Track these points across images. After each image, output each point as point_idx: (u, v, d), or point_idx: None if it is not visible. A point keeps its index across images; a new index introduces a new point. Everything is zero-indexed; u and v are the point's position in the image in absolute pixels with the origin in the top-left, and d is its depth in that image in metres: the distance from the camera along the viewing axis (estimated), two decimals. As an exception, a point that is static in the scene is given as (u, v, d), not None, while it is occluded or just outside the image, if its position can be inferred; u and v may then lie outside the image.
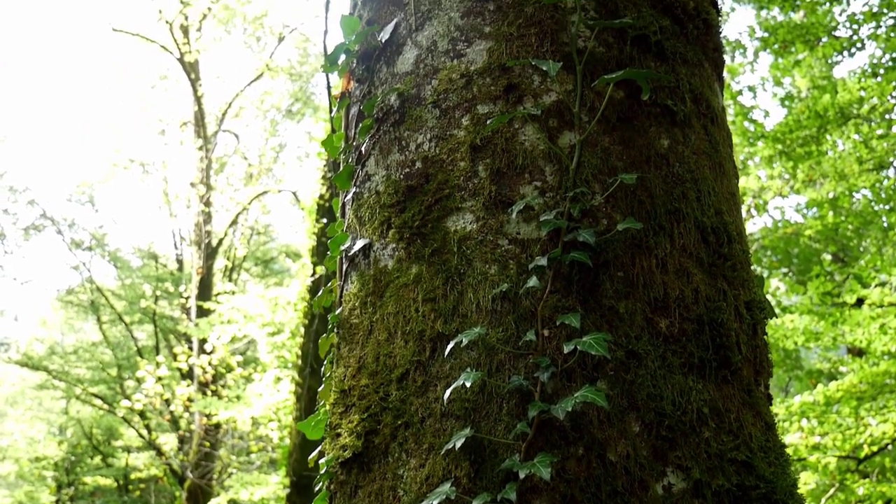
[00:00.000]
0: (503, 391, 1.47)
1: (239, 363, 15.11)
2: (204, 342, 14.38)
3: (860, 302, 9.10)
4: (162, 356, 17.60)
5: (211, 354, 14.36)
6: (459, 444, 1.43)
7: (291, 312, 11.66)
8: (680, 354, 1.52)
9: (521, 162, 1.63)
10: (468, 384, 1.45)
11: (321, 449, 1.81)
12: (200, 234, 17.37)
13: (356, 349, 1.71)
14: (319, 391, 1.94)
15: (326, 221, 9.54)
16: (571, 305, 1.51)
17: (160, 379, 15.26)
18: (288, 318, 11.87)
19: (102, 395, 19.39)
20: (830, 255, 15.00)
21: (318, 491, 1.74)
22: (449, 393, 1.49)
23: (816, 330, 8.80)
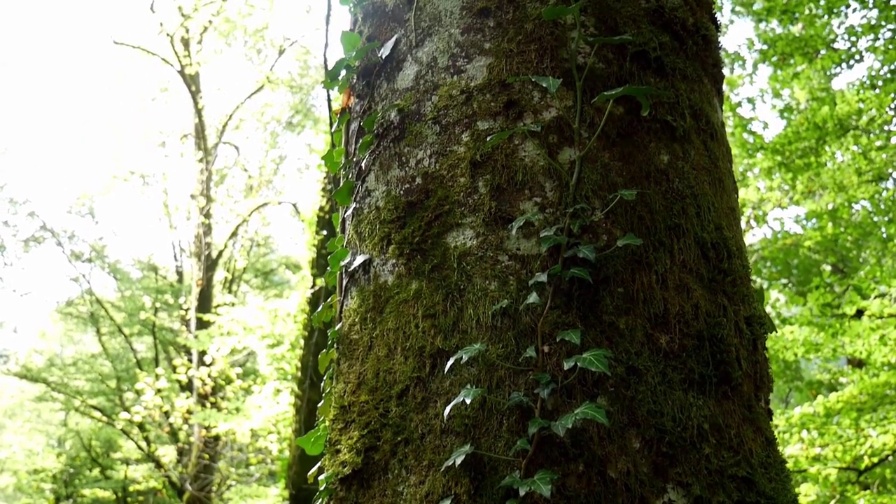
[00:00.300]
0: (503, 407, 1.47)
1: (238, 375, 15.08)
2: (203, 354, 14.36)
3: (860, 313, 9.10)
4: (161, 368, 17.56)
5: (210, 366, 14.35)
6: (459, 460, 1.43)
7: (291, 324, 11.66)
8: (680, 370, 1.52)
9: (521, 178, 1.63)
10: (468, 401, 1.45)
11: (320, 465, 1.81)
12: (200, 245, 17.37)
13: (356, 365, 1.71)
14: (319, 407, 1.94)
15: (326, 233, 9.54)
16: (571, 321, 1.51)
17: (159, 391, 15.24)
18: (287, 329, 11.86)
19: (101, 407, 19.35)
20: (830, 266, 15.01)
21: (317, 508, 1.73)
22: (449, 409, 1.48)
23: (816, 341, 8.79)
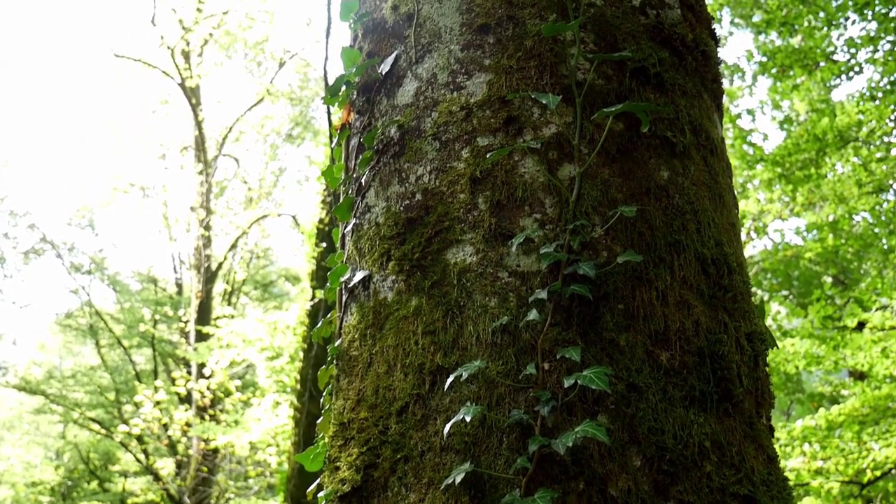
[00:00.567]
0: (503, 425, 1.46)
1: (237, 388, 15.05)
2: (202, 366, 14.35)
3: (861, 325, 9.09)
4: (160, 380, 17.51)
5: (209, 379, 14.32)
6: (459, 478, 1.42)
7: (290, 337, 11.64)
8: (681, 387, 1.52)
9: (520, 194, 1.63)
10: (468, 418, 1.45)
11: (320, 482, 1.79)
12: (200, 258, 17.37)
13: (355, 381, 1.70)
14: (318, 423, 1.93)
15: (326, 245, 9.54)
16: (572, 338, 1.50)
17: (158, 403, 15.21)
18: (287, 342, 11.84)
19: (100, 419, 19.29)
20: (831, 277, 15.01)
21: (316, 525, 1.72)
22: (449, 427, 1.48)
23: (818, 353, 8.78)
